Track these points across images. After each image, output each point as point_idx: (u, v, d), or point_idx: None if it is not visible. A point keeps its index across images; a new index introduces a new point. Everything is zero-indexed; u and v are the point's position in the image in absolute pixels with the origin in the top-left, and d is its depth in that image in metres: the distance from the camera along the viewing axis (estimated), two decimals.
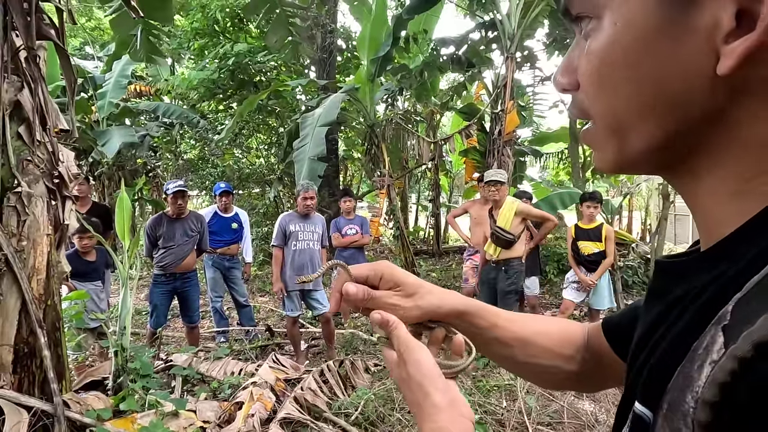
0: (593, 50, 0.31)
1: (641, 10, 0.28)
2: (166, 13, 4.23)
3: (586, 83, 0.33)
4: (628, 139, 0.31)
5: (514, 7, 5.55)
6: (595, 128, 0.34)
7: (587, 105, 0.33)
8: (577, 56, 0.33)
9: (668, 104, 0.29)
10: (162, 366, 3.21)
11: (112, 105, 7.68)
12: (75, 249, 3.63)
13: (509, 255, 3.75)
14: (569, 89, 0.35)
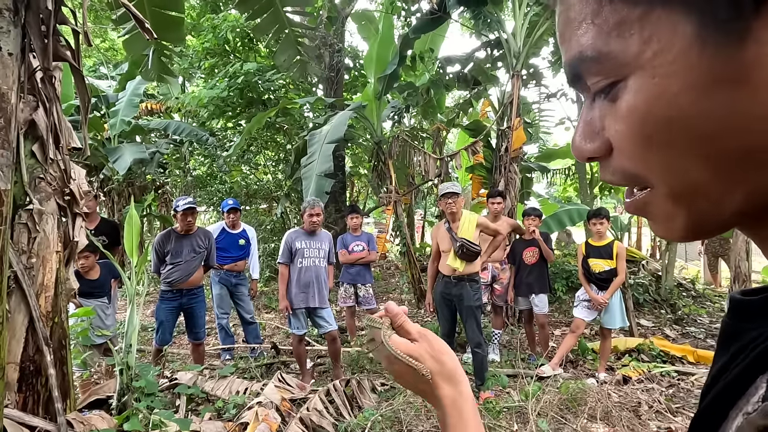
0: (631, 109, 0.27)
1: (683, 57, 0.25)
2: (178, 34, 4.34)
3: (632, 149, 0.29)
4: (705, 202, 0.28)
5: (519, 27, 5.62)
6: (654, 193, 0.29)
7: (634, 170, 0.29)
8: (598, 118, 0.30)
9: (750, 152, 0.25)
10: (167, 384, 3.17)
11: (124, 123, 7.83)
12: (76, 269, 3.63)
13: (472, 270, 3.68)
14: (597, 156, 0.31)
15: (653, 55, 0.26)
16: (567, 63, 0.31)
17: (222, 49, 8.00)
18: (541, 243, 4.39)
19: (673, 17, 0.25)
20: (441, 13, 5.74)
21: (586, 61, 0.29)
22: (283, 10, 4.93)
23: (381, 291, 8.10)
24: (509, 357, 4.48)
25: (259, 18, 4.86)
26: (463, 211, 3.78)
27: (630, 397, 3.26)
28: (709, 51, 0.24)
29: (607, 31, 0.27)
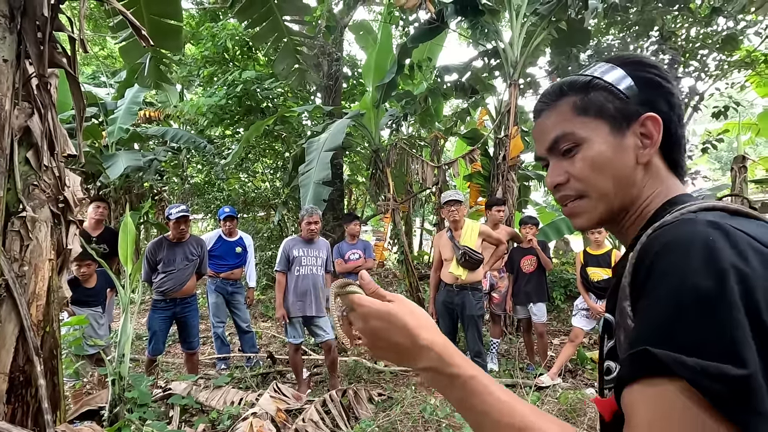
0: (585, 159, 0.62)
1: (605, 140, 0.62)
2: (177, 42, 4.35)
3: (582, 176, 0.63)
4: (611, 204, 0.63)
5: (516, 36, 5.66)
6: (586, 201, 0.64)
7: (581, 188, 0.63)
8: (564, 167, 0.64)
9: (625, 182, 0.62)
10: (160, 394, 3.12)
11: (122, 130, 7.82)
12: (73, 276, 3.59)
13: (474, 278, 3.65)
14: (562, 183, 0.65)
15: (593, 135, 0.62)
16: (553, 137, 0.65)
17: (221, 57, 8.03)
18: (538, 252, 4.38)
19: (600, 124, 0.62)
20: (439, 22, 5.79)
21: (565, 135, 0.64)
22: (282, 18, 4.97)
23: None
24: (508, 366, 4.44)
25: (258, 26, 4.89)
26: (465, 219, 3.77)
27: None
28: (614, 137, 0.62)
29: (573, 124, 0.63)
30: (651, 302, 0.46)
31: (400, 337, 0.54)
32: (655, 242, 0.49)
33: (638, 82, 0.62)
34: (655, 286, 0.46)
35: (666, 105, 0.62)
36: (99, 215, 4.17)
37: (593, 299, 3.99)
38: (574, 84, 0.64)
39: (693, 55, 6.42)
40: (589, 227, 0.64)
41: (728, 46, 6.02)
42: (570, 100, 0.64)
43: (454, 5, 5.55)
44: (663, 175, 0.62)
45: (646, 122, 0.61)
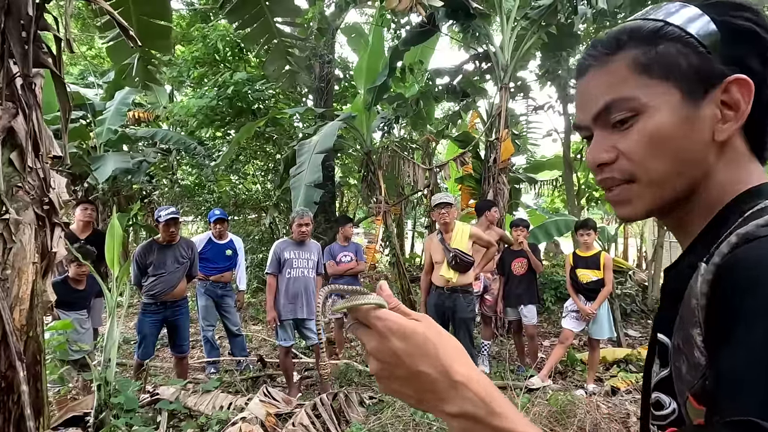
0: (643, 133, 0.48)
1: (674, 109, 0.48)
2: (166, 43, 4.31)
3: (635, 155, 0.49)
4: (668, 190, 0.49)
5: (507, 40, 5.71)
6: (636, 186, 0.50)
7: (632, 170, 0.50)
8: (612, 142, 0.50)
9: (691, 164, 0.48)
10: (148, 399, 3.08)
11: (110, 131, 7.72)
12: (65, 276, 3.54)
13: (465, 281, 3.66)
14: (608, 162, 0.51)
15: (658, 102, 0.48)
16: (602, 104, 0.50)
17: (212, 58, 7.98)
18: (529, 254, 4.41)
19: (671, 89, 0.48)
20: (430, 26, 5.82)
21: (620, 101, 0.49)
22: (273, 20, 4.94)
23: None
24: (498, 369, 4.45)
25: (249, 27, 4.86)
26: (455, 221, 3.78)
27: (619, 408, 3.25)
28: (686, 105, 0.48)
29: (633, 87, 0.49)
30: (751, 346, 0.34)
31: (427, 367, 0.41)
32: (751, 259, 0.38)
33: (725, 31, 0.47)
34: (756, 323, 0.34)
35: (760, 64, 0.47)
36: (86, 217, 4.11)
37: (582, 301, 4.02)
38: (637, 32, 0.49)
39: None
40: (636, 218, 0.52)
41: None
42: (629, 54, 0.49)
43: (445, 9, 5.58)
44: (742, 158, 0.49)
45: (731, 87, 0.46)
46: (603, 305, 4.00)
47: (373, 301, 0.44)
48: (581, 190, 7.95)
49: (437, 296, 3.72)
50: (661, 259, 7.14)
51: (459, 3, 5.39)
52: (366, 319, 0.44)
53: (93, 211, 4.22)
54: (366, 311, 0.44)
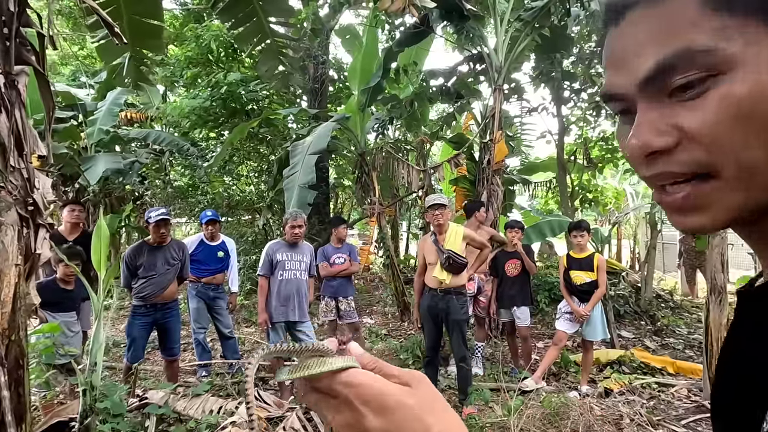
0: (728, 101, 0.31)
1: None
2: (158, 42, 4.27)
3: (715, 135, 0.32)
4: (759, 189, 0.33)
5: (501, 42, 5.72)
6: (714, 184, 0.33)
7: (708, 158, 0.33)
8: (671, 115, 0.34)
9: None
10: (136, 404, 3.02)
11: (102, 132, 7.64)
12: (53, 277, 3.48)
13: (458, 282, 3.65)
14: (665, 149, 0.34)
15: (754, 55, 0.31)
16: (655, 61, 0.33)
17: (205, 58, 7.92)
18: (523, 255, 4.40)
19: (765, 30, 0.31)
20: (424, 27, 5.81)
21: (692, 54, 0.32)
22: (266, 20, 4.91)
23: (364, 304, 8.00)
24: (492, 371, 4.44)
25: (241, 27, 4.83)
26: (449, 223, 3.76)
27: (612, 410, 3.25)
28: None
29: (713, 33, 0.32)
30: None
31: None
32: None
33: None
34: None
35: None
36: (74, 219, 4.05)
37: (576, 302, 4.02)
38: None
39: None
40: (712, 230, 0.36)
41: None
42: None
43: (438, 10, 5.58)
44: None
45: None
46: (596, 307, 3.99)
47: (338, 365, 0.33)
48: (575, 192, 7.98)
49: (430, 298, 3.71)
50: (653, 260, 7.18)
51: (452, 4, 5.39)
52: (328, 387, 0.34)
53: (81, 213, 4.16)
54: (328, 375, 0.33)
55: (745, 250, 8.74)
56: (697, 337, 5.48)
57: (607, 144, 7.67)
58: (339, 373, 0.34)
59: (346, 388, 0.33)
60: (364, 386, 0.33)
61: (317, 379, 0.34)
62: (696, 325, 6.14)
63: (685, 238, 8.69)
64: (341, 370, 0.33)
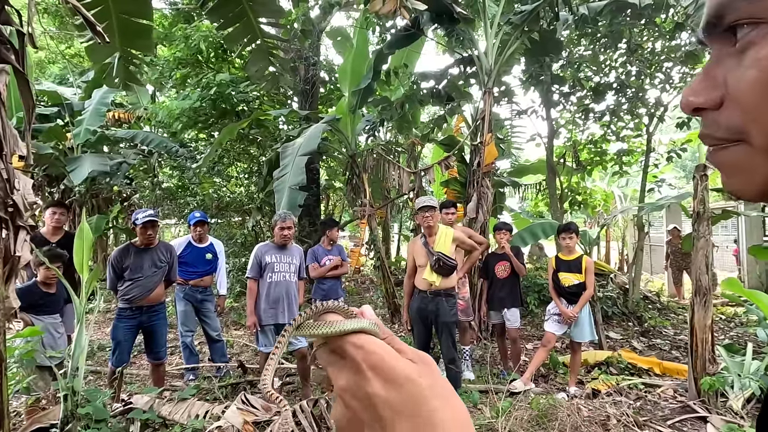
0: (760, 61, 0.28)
1: None
2: (147, 42, 4.22)
3: (749, 96, 0.29)
4: None
5: (491, 45, 5.76)
6: (746, 148, 0.31)
7: (741, 121, 0.30)
8: (724, 72, 0.31)
9: None
10: (120, 409, 2.97)
11: (88, 132, 7.53)
12: (34, 280, 3.41)
13: (448, 284, 3.65)
14: (705, 107, 0.32)
15: None
16: (716, 4, 0.30)
17: (194, 59, 7.85)
18: (511, 257, 4.42)
19: None
20: (415, 29, 5.83)
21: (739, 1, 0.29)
22: (256, 21, 4.89)
23: (354, 305, 7.96)
24: (481, 373, 4.44)
25: (230, 27, 4.80)
26: (439, 225, 3.76)
27: (599, 411, 3.27)
28: None
29: None
30: None
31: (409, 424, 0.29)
32: None
33: None
34: None
35: None
36: (56, 222, 3.98)
37: (564, 304, 4.05)
38: None
39: (658, 68, 6.68)
40: (748, 196, 0.33)
41: (691, 59, 6.29)
42: None
43: (429, 13, 5.60)
44: None
45: None
46: (584, 308, 4.02)
47: (353, 327, 0.32)
48: (564, 194, 8.05)
49: (420, 300, 3.70)
50: (641, 262, 7.26)
51: (443, 7, 5.41)
52: (340, 346, 0.32)
53: (63, 215, 4.09)
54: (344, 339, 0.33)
55: (731, 251, 8.88)
56: (683, 337, 5.56)
57: (595, 147, 7.75)
58: (352, 335, 0.33)
59: (356, 350, 0.32)
60: (376, 353, 0.31)
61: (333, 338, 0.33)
62: (682, 326, 6.22)
63: (672, 241, 8.81)
64: (355, 332, 0.33)
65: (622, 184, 13.30)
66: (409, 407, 0.29)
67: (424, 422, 0.29)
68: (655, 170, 7.72)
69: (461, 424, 0.30)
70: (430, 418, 0.29)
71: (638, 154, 7.64)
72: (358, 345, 0.32)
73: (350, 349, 0.32)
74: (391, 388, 0.30)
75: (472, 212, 5.64)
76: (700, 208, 3.61)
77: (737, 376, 3.62)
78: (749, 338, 5.23)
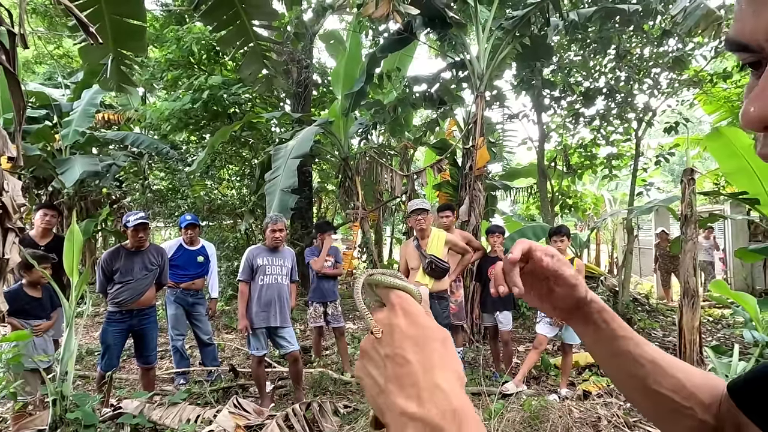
0: None
1: None
2: (140, 43, 4.19)
3: None
4: None
5: (483, 50, 5.81)
6: None
7: None
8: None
9: None
10: (110, 414, 2.93)
11: (77, 133, 7.44)
12: (20, 284, 3.35)
13: (440, 287, 3.66)
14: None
15: None
16: None
17: (186, 61, 7.81)
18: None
19: None
20: (408, 33, 5.86)
21: None
22: (249, 23, 4.88)
23: (347, 309, 7.95)
24: (474, 375, 4.46)
25: (224, 30, 4.79)
26: (431, 228, 3.78)
27: (590, 412, 3.30)
28: None
29: None
30: None
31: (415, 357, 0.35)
32: None
33: None
34: None
35: None
36: (46, 223, 3.93)
37: None
38: None
39: (647, 73, 6.79)
40: None
41: (678, 66, 6.41)
42: None
43: (422, 17, 5.63)
44: None
45: None
46: None
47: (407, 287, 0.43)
48: (555, 197, 8.13)
49: None
50: (630, 265, 7.35)
51: (436, 12, 5.45)
52: (386, 294, 0.42)
53: (53, 217, 4.03)
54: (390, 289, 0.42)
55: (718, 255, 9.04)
56: (672, 339, 5.63)
57: (585, 151, 7.85)
58: (400, 291, 0.42)
59: (397, 298, 0.41)
60: (411, 305, 0.40)
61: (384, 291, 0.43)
62: (671, 327, 6.31)
63: (661, 243, 8.94)
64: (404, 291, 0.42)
65: (611, 188, 13.48)
66: (417, 340, 0.37)
67: (426, 352, 0.36)
68: (644, 174, 7.83)
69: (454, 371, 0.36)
70: (431, 352, 0.36)
71: (627, 158, 7.75)
72: (401, 296, 0.41)
73: (393, 297, 0.41)
74: (410, 326, 0.38)
75: (464, 215, 5.67)
76: (688, 212, 3.67)
77: (724, 376, 3.68)
78: (736, 339, 5.32)
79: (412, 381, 0.34)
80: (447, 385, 0.34)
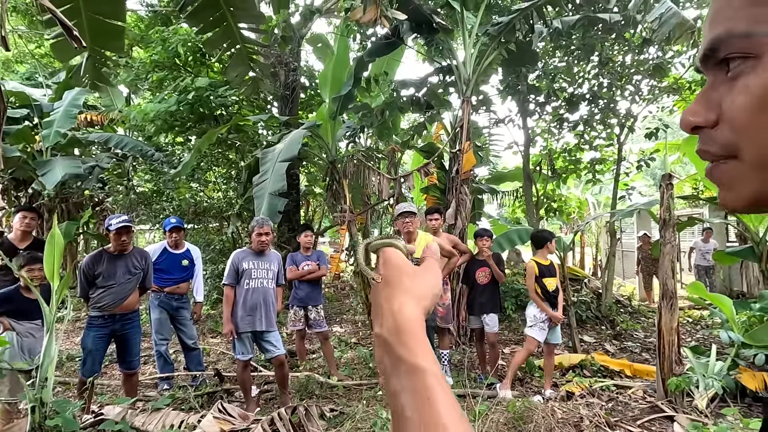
0: (752, 90, 0.34)
1: None
2: (119, 43, 4.15)
3: (741, 118, 0.34)
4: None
5: (469, 55, 5.89)
6: (738, 164, 0.36)
7: (734, 140, 0.35)
8: (719, 96, 0.36)
9: None
10: (91, 421, 2.88)
11: (59, 134, 7.30)
12: (17, 285, 3.28)
13: None
14: (703, 126, 0.37)
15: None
16: (712, 39, 0.36)
17: (172, 62, 7.72)
18: (491, 264, 4.49)
19: None
20: (395, 38, 5.91)
21: (733, 38, 0.34)
22: (236, 25, 4.87)
23: (334, 312, 7.94)
24: (459, 377, 4.49)
25: (209, 32, 4.77)
26: (419, 231, 3.80)
27: (573, 412, 3.36)
28: None
29: (754, 21, 0.34)
30: None
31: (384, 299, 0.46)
32: None
33: None
34: None
35: None
36: (25, 226, 3.85)
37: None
38: None
39: (628, 80, 6.96)
40: (739, 208, 0.38)
41: (658, 73, 6.58)
42: None
43: (409, 22, 5.69)
44: None
45: None
46: None
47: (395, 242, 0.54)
48: (540, 201, 8.25)
49: None
50: (613, 267, 7.49)
51: (423, 17, 5.51)
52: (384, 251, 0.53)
53: (33, 220, 3.95)
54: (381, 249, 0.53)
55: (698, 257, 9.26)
56: (653, 340, 5.75)
57: (570, 155, 7.99)
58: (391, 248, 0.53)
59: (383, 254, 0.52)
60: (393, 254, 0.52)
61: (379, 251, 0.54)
62: (651, 329, 6.45)
63: (643, 246, 9.13)
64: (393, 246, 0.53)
65: (595, 192, 13.72)
66: (389, 278, 0.48)
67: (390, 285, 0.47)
68: (626, 178, 8.01)
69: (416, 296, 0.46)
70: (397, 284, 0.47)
71: (610, 162, 7.91)
72: (386, 251, 0.52)
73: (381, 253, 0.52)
74: (385, 269, 0.49)
75: (450, 218, 5.72)
76: (666, 215, 3.77)
77: (702, 376, 3.78)
78: (713, 340, 5.46)
79: (378, 311, 0.46)
80: (400, 308, 0.44)
